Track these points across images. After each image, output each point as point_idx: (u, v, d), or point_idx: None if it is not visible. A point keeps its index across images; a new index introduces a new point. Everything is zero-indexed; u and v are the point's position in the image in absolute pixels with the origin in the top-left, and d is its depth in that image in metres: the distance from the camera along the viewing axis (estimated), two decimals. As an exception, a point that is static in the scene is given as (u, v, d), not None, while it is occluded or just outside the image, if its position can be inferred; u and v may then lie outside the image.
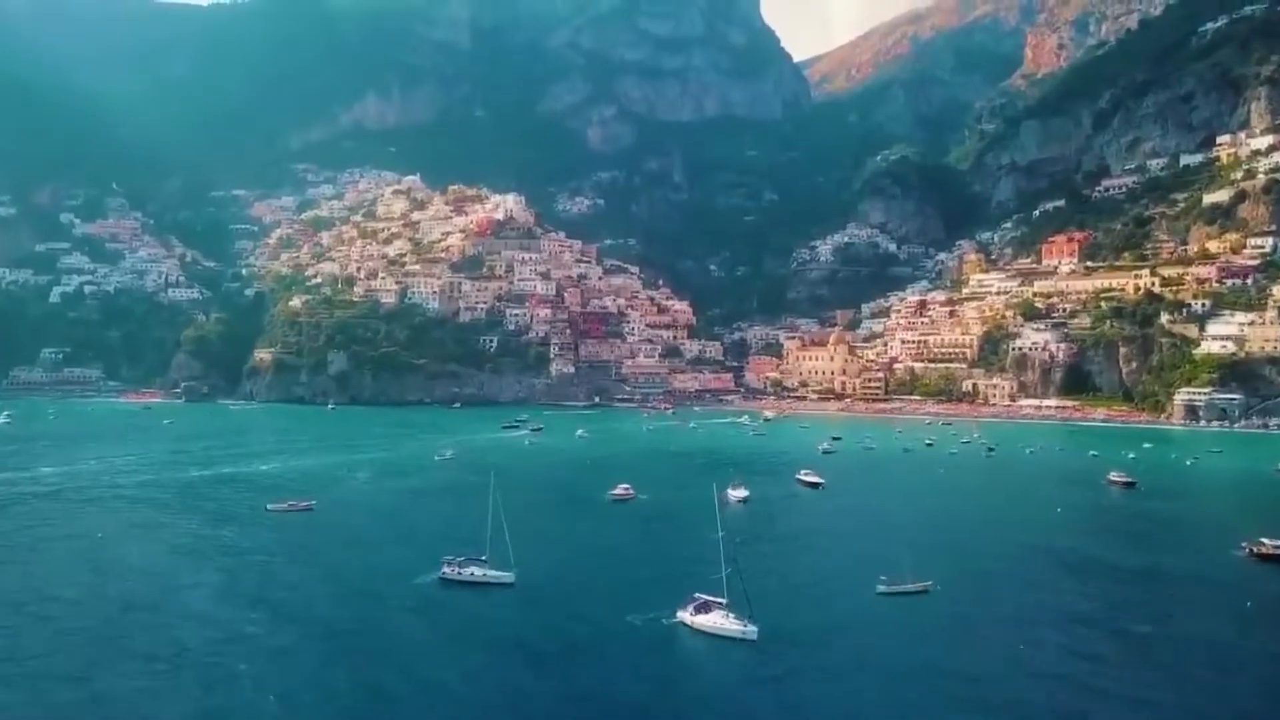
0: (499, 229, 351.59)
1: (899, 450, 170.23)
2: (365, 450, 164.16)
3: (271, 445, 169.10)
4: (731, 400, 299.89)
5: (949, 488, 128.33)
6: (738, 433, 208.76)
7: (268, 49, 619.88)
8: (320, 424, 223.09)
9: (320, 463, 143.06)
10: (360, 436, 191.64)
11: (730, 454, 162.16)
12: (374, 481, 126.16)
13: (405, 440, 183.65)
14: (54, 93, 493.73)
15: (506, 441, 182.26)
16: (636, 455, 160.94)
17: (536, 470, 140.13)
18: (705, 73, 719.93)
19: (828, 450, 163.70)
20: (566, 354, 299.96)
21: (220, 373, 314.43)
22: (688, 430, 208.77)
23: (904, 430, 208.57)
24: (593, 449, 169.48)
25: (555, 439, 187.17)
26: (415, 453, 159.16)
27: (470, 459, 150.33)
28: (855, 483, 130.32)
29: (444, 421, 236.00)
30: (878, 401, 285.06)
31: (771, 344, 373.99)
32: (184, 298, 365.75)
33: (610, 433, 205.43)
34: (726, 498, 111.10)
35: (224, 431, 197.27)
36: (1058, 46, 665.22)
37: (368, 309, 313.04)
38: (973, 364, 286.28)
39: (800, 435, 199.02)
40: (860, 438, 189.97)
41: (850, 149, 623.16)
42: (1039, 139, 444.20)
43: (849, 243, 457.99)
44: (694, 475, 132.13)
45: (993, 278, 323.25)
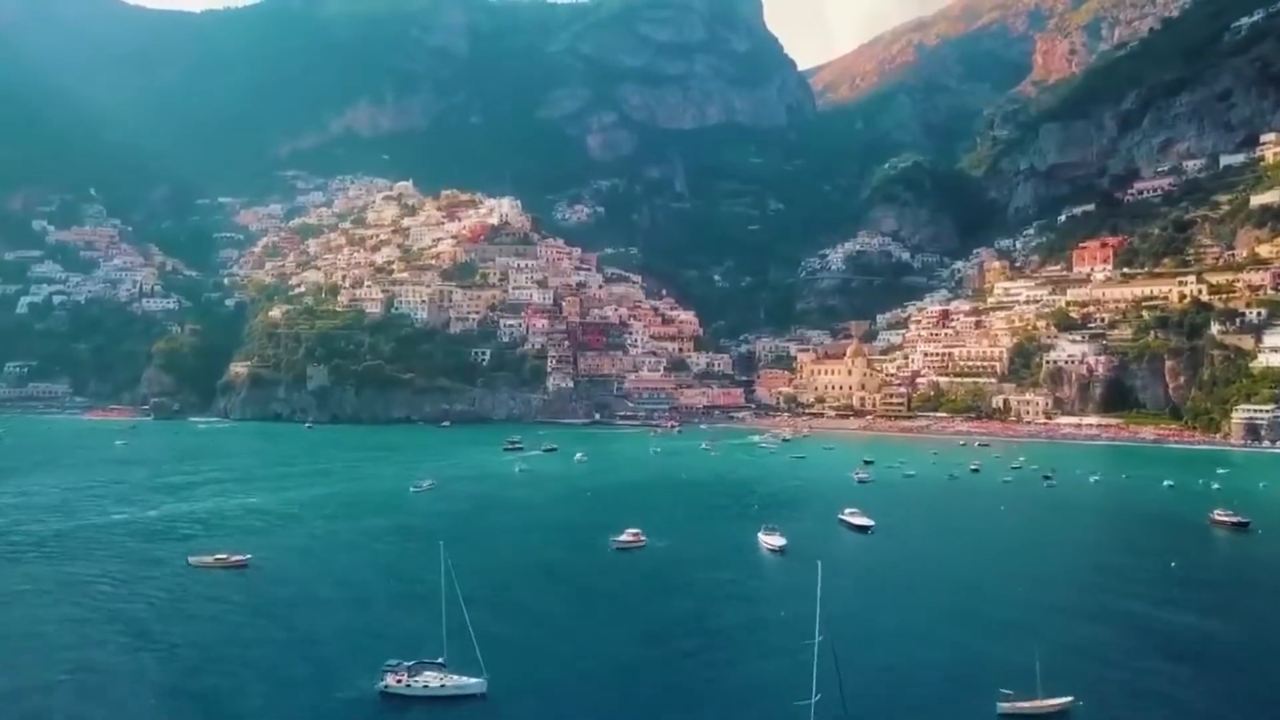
0: (493, 234, 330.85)
1: (943, 478, 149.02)
2: (334, 479, 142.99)
3: (228, 473, 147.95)
4: (743, 417, 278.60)
5: (1023, 531, 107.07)
6: (755, 456, 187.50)
7: (260, 56, 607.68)
8: (293, 445, 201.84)
9: (276, 498, 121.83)
10: (334, 460, 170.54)
11: (752, 483, 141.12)
12: (332, 522, 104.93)
13: (382, 466, 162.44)
14: (35, 97, 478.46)
15: (496, 467, 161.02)
16: (644, 485, 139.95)
17: (525, 508, 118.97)
18: (707, 80, 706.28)
19: (864, 479, 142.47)
20: (565, 368, 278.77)
21: (193, 388, 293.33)
22: (699, 452, 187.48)
23: (939, 453, 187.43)
24: (593, 476, 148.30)
25: (551, 464, 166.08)
26: (390, 482, 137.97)
27: (452, 491, 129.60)
28: (909, 524, 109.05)
29: (430, 442, 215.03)
30: (901, 419, 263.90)
31: (782, 356, 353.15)
32: (158, 308, 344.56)
33: (613, 456, 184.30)
34: (759, 544, 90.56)
35: (180, 455, 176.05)
36: (1069, 52, 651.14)
37: (351, 320, 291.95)
38: (1003, 378, 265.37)
39: (826, 459, 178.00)
40: (893, 461, 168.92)
41: (856, 157, 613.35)
42: (1059, 143, 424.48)
43: (861, 251, 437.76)
44: (714, 513, 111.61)
45: (1020, 286, 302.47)
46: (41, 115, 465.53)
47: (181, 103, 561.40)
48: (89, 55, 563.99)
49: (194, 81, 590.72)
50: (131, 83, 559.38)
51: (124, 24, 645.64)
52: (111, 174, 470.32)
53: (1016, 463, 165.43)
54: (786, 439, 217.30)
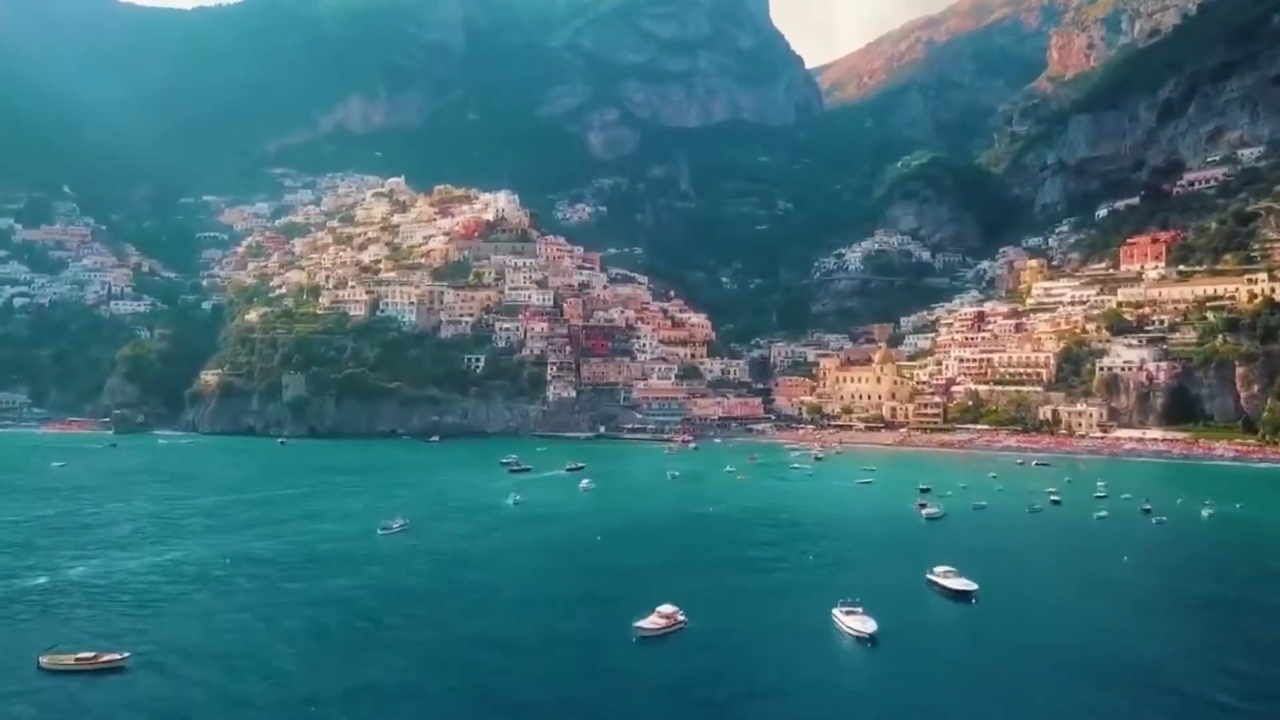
0: (488, 231, 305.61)
1: (1020, 510, 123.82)
2: (289, 515, 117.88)
3: (163, 507, 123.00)
4: (763, 429, 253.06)
5: (1179, 601, 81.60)
6: (790, 480, 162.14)
7: (250, 52, 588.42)
8: (256, 466, 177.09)
9: (208, 547, 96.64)
10: (297, 486, 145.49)
11: (797, 522, 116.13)
12: (264, 588, 79.70)
13: (351, 496, 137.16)
14: (13, 93, 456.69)
15: (487, 495, 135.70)
16: (665, 523, 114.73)
17: (516, 564, 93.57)
18: (712, 76, 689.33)
19: (932, 515, 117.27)
20: (566, 375, 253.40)
21: (160, 398, 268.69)
22: (723, 476, 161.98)
23: (999, 475, 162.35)
24: (602, 511, 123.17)
25: (551, 492, 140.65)
26: (356, 521, 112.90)
27: (428, 534, 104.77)
28: (1020, 587, 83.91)
29: (415, 461, 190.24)
30: (938, 431, 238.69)
31: (799, 362, 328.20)
32: (127, 311, 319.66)
33: (623, 480, 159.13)
34: (837, 627, 65.64)
35: (119, 482, 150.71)
36: (1087, 46, 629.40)
37: (333, 323, 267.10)
38: (1050, 386, 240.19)
39: (874, 484, 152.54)
40: (951, 486, 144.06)
41: (867, 155, 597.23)
42: (1089, 136, 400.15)
43: (880, 250, 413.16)
44: (762, 570, 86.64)
45: (1063, 286, 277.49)
46: (17, 111, 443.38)
47: (168, 100, 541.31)
48: (76, 52, 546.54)
49: (182, 78, 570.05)
50: (117, 80, 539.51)
51: (112, 21, 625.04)
52: (91, 172, 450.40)
53: (1099, 489, 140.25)
54: (819, 457, 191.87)
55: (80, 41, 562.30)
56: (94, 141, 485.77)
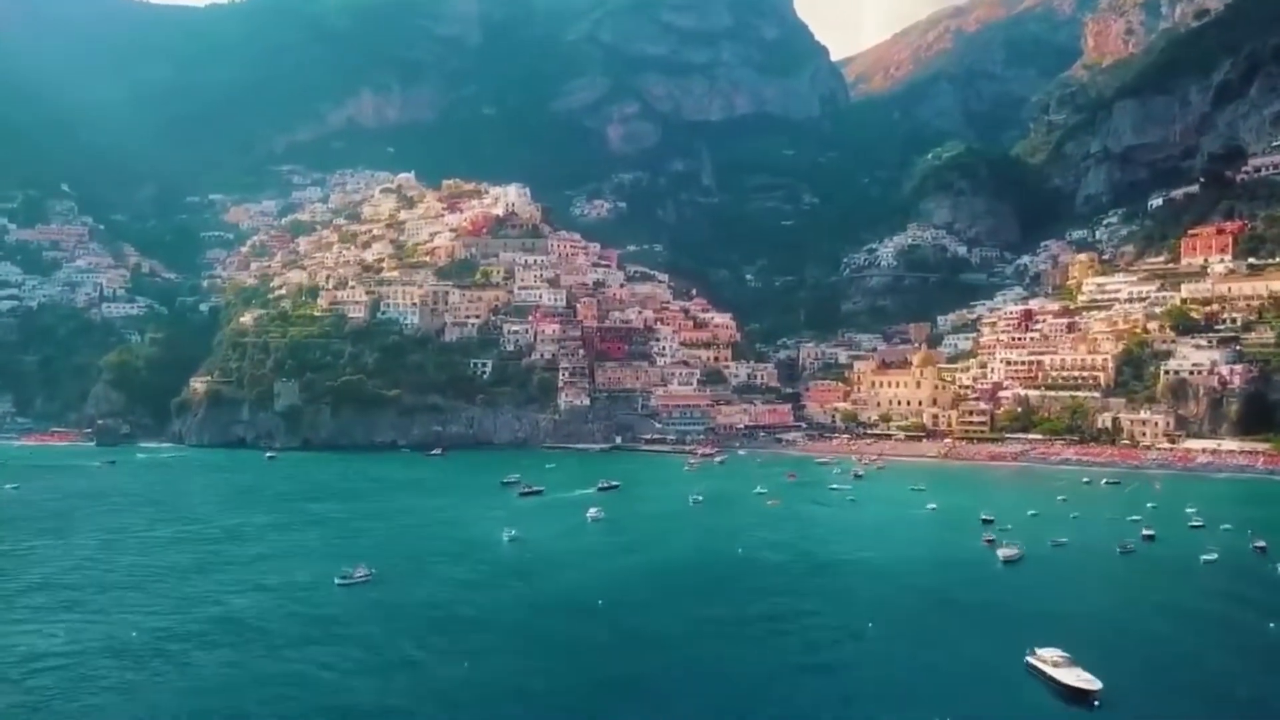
0: (498, 227, 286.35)
1: (1109, 550, 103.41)
2: (234, 559, 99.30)
3: (89, 552, 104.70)
4: (793, 440, 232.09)
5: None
6: (830, 504, 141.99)
7: (259, 47, 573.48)
8: (229, 489, 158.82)
9: (111, 617, 78.01)
10: (266, 514, 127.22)
11: (844, 566, 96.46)
12: (153, 682, 60.80)
13: (322, 528, 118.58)
14: (14, 92, 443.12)
15: (478, 528, 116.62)
16: (684, 575, 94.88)
17: (489, 645, 74.06)
18: (735, 68, 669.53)
19: (1009, 558, 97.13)
20: (579, 381, 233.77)
21: (147, 407, 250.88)
22: (751, 500, 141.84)
23: (1067, 497, 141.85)
24: (611, 554, 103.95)
25: (556, 524, 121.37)
26: (312, 566, 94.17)
27: (393, 590, 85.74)
28: (1148, 678, 63.83)
29: (409, 480, 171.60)
30: (986, 441, 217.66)
31: (830, 364, 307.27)
32: (119, 314, 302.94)
33: (639, 505, 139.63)
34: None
35: (65, 509, 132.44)
36: (1125, 32, 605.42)
37: (330, 326, 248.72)
38: (1108, 391, 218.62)
39: (927, 510, 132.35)
40: (1018, 513, 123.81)
41: (895, 148, 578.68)
42: (1135, 122, 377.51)
43: (913, 245, 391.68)
44: (813, 653, 67.01)
45: (1118, 282, 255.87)
46: (14, 109, 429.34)
47: (174, 98, 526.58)
48: (80, 50, 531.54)
49: (189, 76, 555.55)
50: (122, 78, 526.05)
51: (118, 19, 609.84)
52: (93, 171, 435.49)
53: (1191, 518, 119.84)
54: (859, 474, 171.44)
55: (85, 39, 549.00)
56: (97, 140, 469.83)
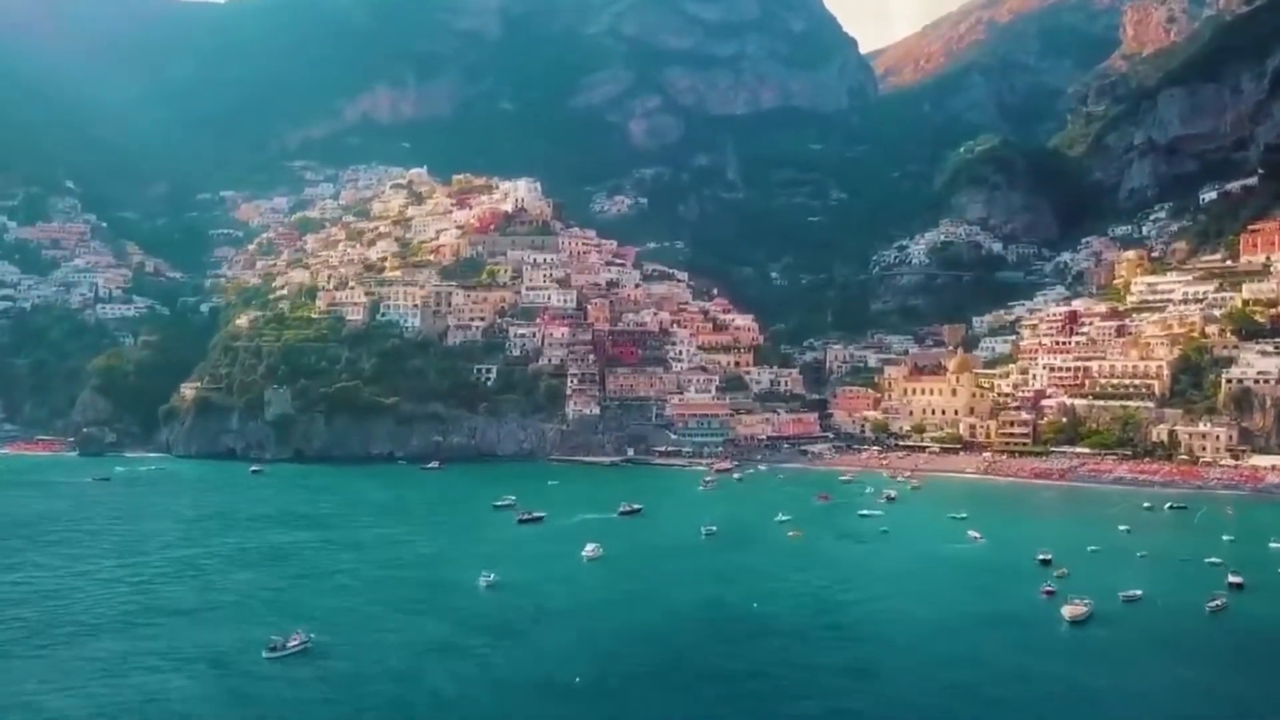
0: (506, 224, 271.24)
1: (1195, 606, 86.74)
2: (158, 609, 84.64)
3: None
4: (819, 452, 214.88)
5: None
6: (858, 535, 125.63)
7: (279, 43, 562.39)
8: (196, 510, 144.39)
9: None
10: (223, 543, 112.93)
11: (880, 624, 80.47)
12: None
13: (278, 566, 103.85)
14: (19, 87, 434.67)
15: (454, 569, 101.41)
16: (686, 643, 78.99)
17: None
18: (761, 61, 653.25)
19: (1076, 617, 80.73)
20: (589, 389, 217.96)
21: (136, 415, 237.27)
22: (772, 532, 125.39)
23: (1131, 528, 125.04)
24: (602, 608, 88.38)
25: (546, 563, 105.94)
26: (242, 628, 79.22)
27: (332, 661, 70.71)
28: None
29: (396, 502, 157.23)
30: (1029, 455, 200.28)
31: (859, 368, 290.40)
32: (114, 315, 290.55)
33: (643, 535, 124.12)
34: None
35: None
36: (1167, 20, 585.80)
37: (327, 329, 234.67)
38: (1163, 401, 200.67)
39: (955, 533, 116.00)
40: (1078, 549, 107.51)
41: (926, 142, 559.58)
42: (1183, 111, 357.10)
43: (946, 242, 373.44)
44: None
45: (1171, 281, 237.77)
46: (19, 106, 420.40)
47: (192, 95, 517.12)
48: (97, 47, 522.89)
49: (208, 73, 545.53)
50: (141, 75, 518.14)
51: (143, 16, 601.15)
52: (106, 168, 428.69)
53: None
54: (892, 496, 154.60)
55: (108, 36, 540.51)
56: (114, 137, 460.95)
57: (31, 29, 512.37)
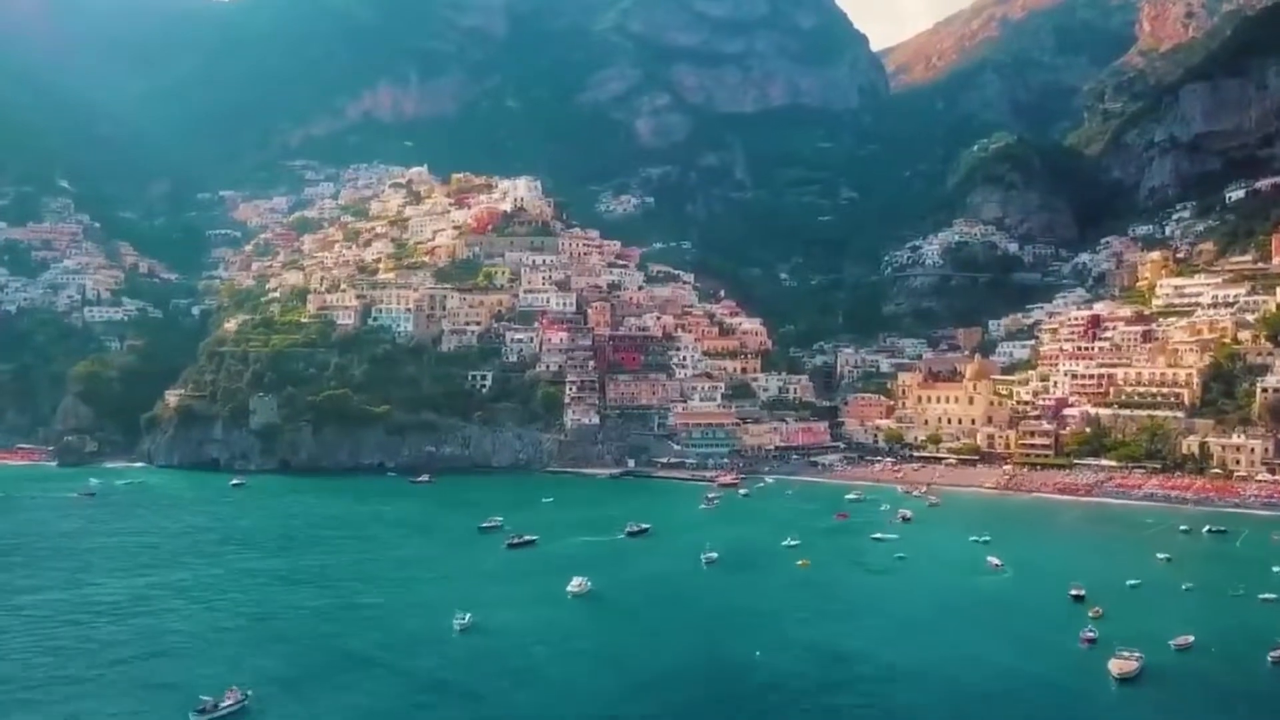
0: (504, 224, 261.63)
1: (1259, 660, 76.68)
2: (66, 674, 75.06)
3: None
4: (830, 464, 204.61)
5: None
6: (872, 565, 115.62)
7: (284, 40, 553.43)
8: (157, 531, 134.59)
9: None
10: (182, 571, 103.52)
11: (900, 681, 70.47)
12: None
13: (229, 600, 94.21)
14: (15, 86, 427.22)
15: (421, 618, 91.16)
16: (680, 696, 69.08)
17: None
18: (770, 58, 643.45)
19: (1126, 674, 70.63)
20: (588, 396, 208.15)
21: (119, 423, 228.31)
22: (779, 559, 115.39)
23: (1171, 556, 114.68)
24: (583, 656, 78.53)
25: (529, 602, 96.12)
26: (163, 699, 69.46)
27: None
28: None
29: (378, 520, 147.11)
30: (1052, 467, 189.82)
31: (870, 373, 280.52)
32: (101, 318, 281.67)
33: (637, 564, 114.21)
34: None
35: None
36: (1185, 15, 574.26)
37: (316, 333, 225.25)
38: (1193, 411, 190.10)
39: (978, 561, 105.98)
40: (1115, 582, 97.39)
41: (939, 140, 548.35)
42: (1206, 108, 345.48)
43: (960, 242, 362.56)
44: None
45: (1199, 284, 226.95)
46: (26, 105, 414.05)
47: (196, 93, 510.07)
48: (102, 45, 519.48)
49: (213, 70, 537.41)
50: (146, 73, 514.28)
51: (149, 14, 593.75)
52: (105, 167, 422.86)
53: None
54: (908, 517, 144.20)
55: (113, 34, 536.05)
56: (117, 135, 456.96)
57: (36, 27, 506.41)
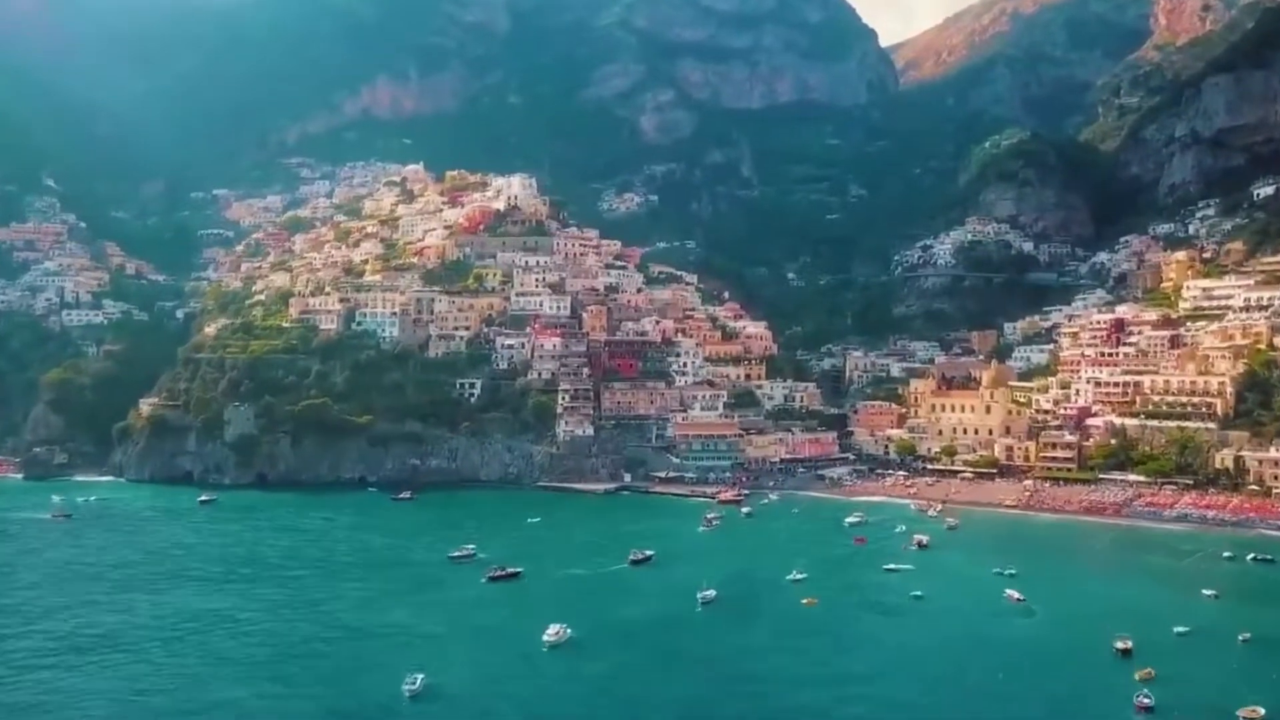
0: (497, 223, 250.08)
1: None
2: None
3: None
4: (839, 478, 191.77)
5: None
6: (886, 604, 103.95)
7: (288, 37, 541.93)
8: (109, 556, 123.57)
9: None
10: (105, 615, 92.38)
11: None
12: None
13: (136, 651, 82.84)
14: (26, 84, 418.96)
15: (366, 684, 79.58)
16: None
17: None
18: (777, 54, 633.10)
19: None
20: (583, 406, 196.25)
21: (91, 433, 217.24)
22: (782, 593, 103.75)
23: (1218, 594, 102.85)
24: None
25: (491, 661, 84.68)
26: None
27: None
28: None
29: (346, 545, 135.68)
30: (1075, 482, 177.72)
31: (880, 378, 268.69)
32: (80, 322, 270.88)
33: (625, 604, 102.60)
34: None
35: None
36: (1202, 8, 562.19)
37: (298, 339, 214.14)
38: (1226, 422, 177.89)
39: (1003, 598, 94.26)
40: (1161, 627, 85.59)
41: (950, 136, 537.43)
42: (1229, 101, 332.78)
43: (973, 241, 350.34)
44: None
45: (1229, 286, 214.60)
46: (19, 103, 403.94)
47: (195, 91, 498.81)
48: (101, 44, 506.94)
49: (213, 68, 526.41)
50: (145, 71, 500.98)
51: (150, 11, 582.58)
52: (103, 166, 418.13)
53: None
54: (925, 543, 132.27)
55: (114, 31, 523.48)
56: (110, 134, 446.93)
57: (35, 26, 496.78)
